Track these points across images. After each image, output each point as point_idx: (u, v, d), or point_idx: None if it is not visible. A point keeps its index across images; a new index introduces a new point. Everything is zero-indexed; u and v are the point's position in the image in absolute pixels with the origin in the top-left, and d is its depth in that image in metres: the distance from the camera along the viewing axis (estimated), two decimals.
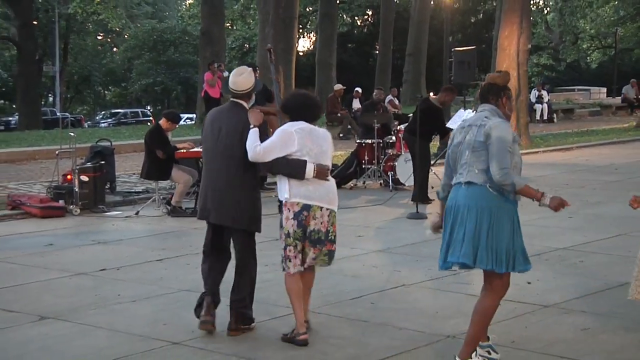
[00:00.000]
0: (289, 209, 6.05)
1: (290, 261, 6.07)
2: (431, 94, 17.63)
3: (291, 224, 6.05)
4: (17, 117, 44.87)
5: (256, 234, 6.51)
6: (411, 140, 13.36)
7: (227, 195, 6.26)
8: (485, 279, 5.42)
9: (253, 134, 6.09)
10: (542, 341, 5.99)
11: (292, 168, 6.01)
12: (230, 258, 6.60)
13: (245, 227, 6.35)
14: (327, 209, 6.10)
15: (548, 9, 55.07)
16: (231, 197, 6.26)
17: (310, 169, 6.00)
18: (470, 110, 14.26)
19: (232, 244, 6.54)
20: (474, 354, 5.37)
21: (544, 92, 36.38)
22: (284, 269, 6.14)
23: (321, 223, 6.07)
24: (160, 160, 12.19)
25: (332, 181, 6.24)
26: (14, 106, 52.90)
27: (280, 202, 6.16)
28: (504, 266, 5.24)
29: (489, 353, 5.51)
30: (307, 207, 6.03)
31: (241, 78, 6.39)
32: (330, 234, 6.13)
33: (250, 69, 6.66)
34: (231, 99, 6.47)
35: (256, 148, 6.02)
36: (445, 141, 14.43)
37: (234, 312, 6.33)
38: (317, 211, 6.05)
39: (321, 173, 6.06)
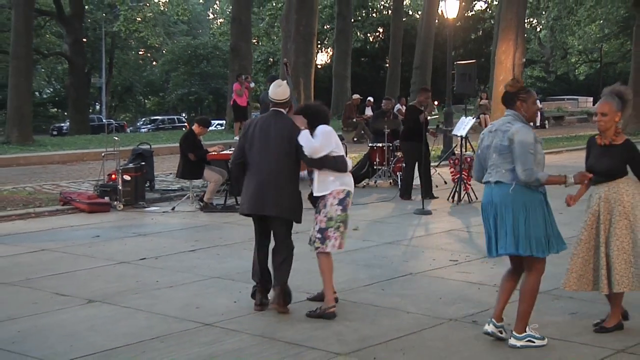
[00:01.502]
0: (334, 196, 6.35)
1: (330, 241, 6.32)
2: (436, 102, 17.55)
3: (335, 209, 6.34)
4: (68, 123, 45.16)
5: None
6: (405, 145, 13.49)
7: (278, 190, 6.38)
8: (525, 263, 5.49)
9: (306, 134, 6.35)
10: (535, 323, 5.95)
11: (340, 163, 6.37)
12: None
13: (292, 217, 6.49)
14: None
15: (540, 27, 54.83)
16: (281, 192, 6.39)
17: (350, 163, 6.49)
18: (471, 118, 14.24)
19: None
20: (527, 327, 5.46)
21: (537, 101, 36.31)
22: (317, 249, 6.36)
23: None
24: (193, 161, 12.23)
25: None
26: (66, 114, 53.17)
27: (314, 196, 6.43)
28: (542, 251, 5.40)
29: (501, 332, 5.55)
30: (348, 194, 6.42)
31: (280, 89, 6.59)
32: None
33: (285, 82, 6.84)
34: (272, 108, 6.61)
35: (314, 144, 6.28)
36: (449, 142, 14.53)
37: (281, 291, 6.39)
38: (352, 197, 6.48)
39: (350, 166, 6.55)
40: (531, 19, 50.18)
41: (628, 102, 5.72)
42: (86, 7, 46.80)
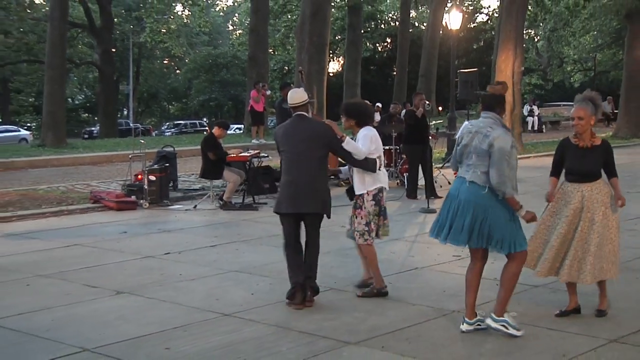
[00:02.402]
0: (369, 194, 6.54)
1: (372, 233, 6.58)
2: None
3: (370, 204, 6.54)
4: (98, 127, 45.34)
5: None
6: (407, 149, 13.51)
7: (312, 188, 6.38)
8: (507, 256, 5.50)
9: (350, 141, 6.52)
10: (532, 315, 5.95)
11: (371, 164, 6.50)
12: None
13: (326, 212, 6.51)
14: (386, 190, 6.70)
15: (538, 37, 54.55)
16: (315, 190, 6.40)
17: (379, 163, 6.60)
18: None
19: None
20: (506, 313, 5.45)
21: (535, 107, 36.12)
22: (365, 241, 6.57)
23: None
24: (213, 162, 12.25)
25: (384, 169, 6.79)
26: (96, 118, 53.43)
27: (353, 193, 6.64)
28: (506, 248, 5.39)
29: (479, 325, 5.54)
30: (381, 189, 6.60)
31: (296, 94, 6.67)
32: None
33: (302, 88, 6.85)
34: (294, 113, 6.60)
35: (361, 150, 6.45)
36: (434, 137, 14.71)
37: (310, 286, 6.40)
38: (384, 192, 6.64)
39: (382, 164, 6.68)
40: (529, 30, 49.90)
41: (599, 107, 5.81)
42: (115, 19, 47.02)
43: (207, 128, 45.08)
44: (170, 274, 7.70)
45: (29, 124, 55.51)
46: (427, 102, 13.83)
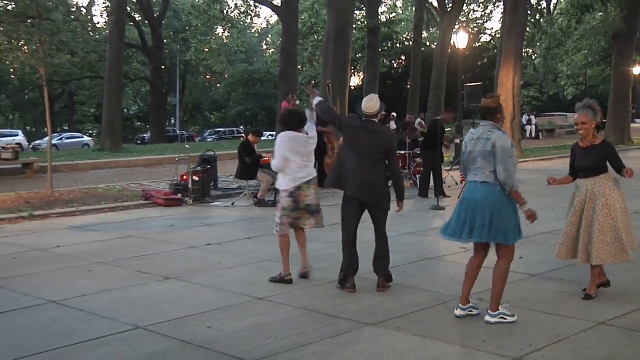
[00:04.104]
0: (284, 190, 6.64)
1: (282, 226, 6.64)
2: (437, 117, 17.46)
3: (286, 200, 6.63)
4: (149, 134, 45.68)
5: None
6: (424, 153, 13.39)
7: (374, 183, 6.26)
8: (497, 250, 5.41)
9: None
10: (530, 300, 5.89)
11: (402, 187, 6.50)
12: None
13: (387, 206, 6.37)
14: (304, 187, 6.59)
15: (535, 55, 54.06)
16: (377, 184, 6.29)
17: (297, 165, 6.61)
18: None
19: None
20: (500, 306, 5.38)
21: (532, 117, 35.81)
22: (277, 232, 6.67)
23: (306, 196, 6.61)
24: (248, 164, 12.28)
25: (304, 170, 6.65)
26: (147, 126, 53.81)
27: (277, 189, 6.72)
28: (511, 239, 5.34)
29: (471, 311, 5.50)
30: (299, 187, 6.59)
31: (370, 104, 6.36)
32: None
33: (377, 96, 6.48)
34: (364, 118, 6.38)
35: (274, 161, 6.63)
36: (447, 147, 14.53)
37: (382, 273, 6.33)
38: (304, 189, 6.60)
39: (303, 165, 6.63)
40: (527, 49, 49.41)
41: (597, 112, 5.88)
42: (164, 40, 47.33)
43: (243, 135, 45.23)
44: (210, 262, 7.73)
45: (90, 131, 56.06)
46: (459, 140, 13.72)
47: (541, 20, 40.70)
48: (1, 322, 5.56)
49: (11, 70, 44.10)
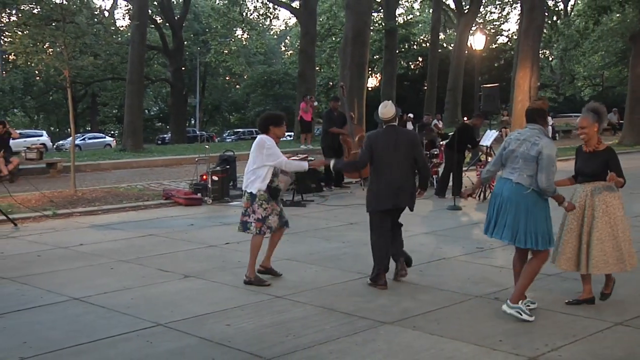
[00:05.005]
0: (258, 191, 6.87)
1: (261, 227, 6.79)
2: (465, 118, 17.34)
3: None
4: (170, 134, 45.92)
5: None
6: (448, 153, 13.23)
7: (408, 186, 6.53)
8: (533, 251, 5.42)
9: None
10: (547, 301, 5.85)
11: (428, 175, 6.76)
12: None
13: (412, 207, 6.67)
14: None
15: (552, 56, 53.65)
16: (410, 187, 6.55)
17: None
18: (495, 131, 14.01)
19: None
20: (521, 302, 5.36)
21: (549, 118, 35.49)
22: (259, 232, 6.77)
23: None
24: None
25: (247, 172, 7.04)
26: (168, 127, 54.10)
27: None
28: (541, 244, 5.32)
29: (528, 305, 5.52)
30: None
31: (385, 110, 6.56)
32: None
33: (390, 102, 6.67)
34: (385, 125, 6.56)
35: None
36: (476, 151, 14.24)
37: (401, 259, 6.58)
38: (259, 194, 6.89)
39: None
40: (544, 50, 49.04)
41: (602, 115, 5.66)
42: (185, 42, 47.56)
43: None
44: (230, 261, 7.75)
45: (112, 132, 56.48)
46: (465, 119, 13.56)
47: (558, 21, 40.40)
48: (26, 318, 5.63)
49: (36, 72, 44.58)
